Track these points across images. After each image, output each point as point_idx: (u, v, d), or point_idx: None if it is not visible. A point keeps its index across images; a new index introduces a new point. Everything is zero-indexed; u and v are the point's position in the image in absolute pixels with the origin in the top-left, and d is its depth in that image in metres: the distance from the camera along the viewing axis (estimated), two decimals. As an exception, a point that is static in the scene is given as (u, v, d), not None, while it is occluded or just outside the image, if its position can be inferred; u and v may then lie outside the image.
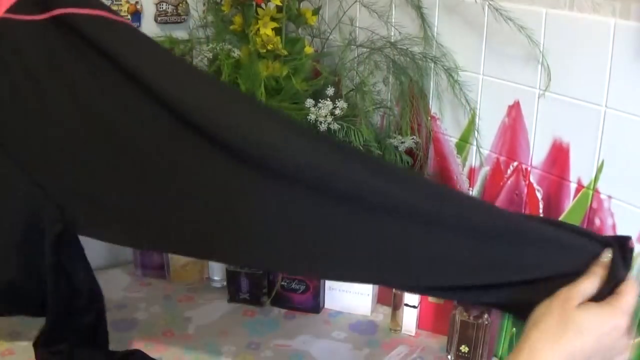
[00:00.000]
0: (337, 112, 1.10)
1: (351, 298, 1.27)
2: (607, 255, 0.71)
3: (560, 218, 0.98)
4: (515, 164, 1.03)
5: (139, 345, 1.13)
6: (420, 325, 1.21)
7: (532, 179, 1.01)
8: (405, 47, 1.14)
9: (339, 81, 1.19)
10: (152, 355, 1.10)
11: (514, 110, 1.02)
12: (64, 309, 0.96)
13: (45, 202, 0.89)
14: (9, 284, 0.92)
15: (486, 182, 1.10)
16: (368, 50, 1.18)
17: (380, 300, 1.30)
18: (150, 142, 0.84)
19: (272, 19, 1.15)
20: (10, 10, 0.86)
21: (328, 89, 1.13)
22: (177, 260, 1.36)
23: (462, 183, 1.14)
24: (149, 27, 1.38)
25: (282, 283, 1.27)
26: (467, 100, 1.08)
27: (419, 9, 1.12)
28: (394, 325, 1.22)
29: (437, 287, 0.79)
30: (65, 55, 0.85)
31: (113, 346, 1.04)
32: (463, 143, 1.12)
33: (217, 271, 1.35)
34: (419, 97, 1.16)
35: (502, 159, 1.06)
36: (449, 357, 1.13)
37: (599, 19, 0.87)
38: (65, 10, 0.83)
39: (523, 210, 1.03)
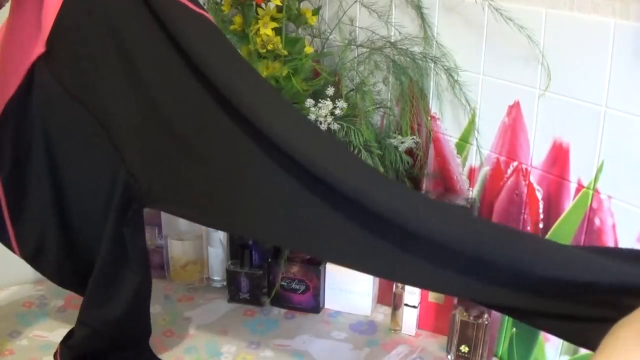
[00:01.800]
0: (337, 112, 1.10)
1: (351, 298, 1.27)
2: None
3: (560, 218, 0.98)
4: (515, 164, 1.03)
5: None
6: (420, 325, 1.21)
7: (532, 179, 1.01)
8: (405, 47, 1.14)
9: (339, 81, 1.19)
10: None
11: (514, 110, 1.02)
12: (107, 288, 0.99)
13: (121, 167, 0.91)
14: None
15: (486, 182, 1.10)
16: (368, 50, 1.18)
17: (380, 300, 1.30)
18: (206, 133, 0.86)
19: (272, 19, 1.15)
20: None
21: (328, 89, 1.13)
22: (177, 260, 1.35)
23: (462, 183, 1.14)
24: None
25: (282, 283, 1.27)
26: (467, 100, 1.08)
27: (419, 9, 1.12)
28: (394, 325, 1.22)
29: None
30: (148, 29, 0.85)
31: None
32: (463, 143, 1.12)
33: (217, 271, 1.35)
34: (419, 97, 1.16)
35: (502, 159, 1.06)
36: (449, 357, 1.12)
37: (599, 19, 0.87)
38: None
39: (522, 210, 1.03)
